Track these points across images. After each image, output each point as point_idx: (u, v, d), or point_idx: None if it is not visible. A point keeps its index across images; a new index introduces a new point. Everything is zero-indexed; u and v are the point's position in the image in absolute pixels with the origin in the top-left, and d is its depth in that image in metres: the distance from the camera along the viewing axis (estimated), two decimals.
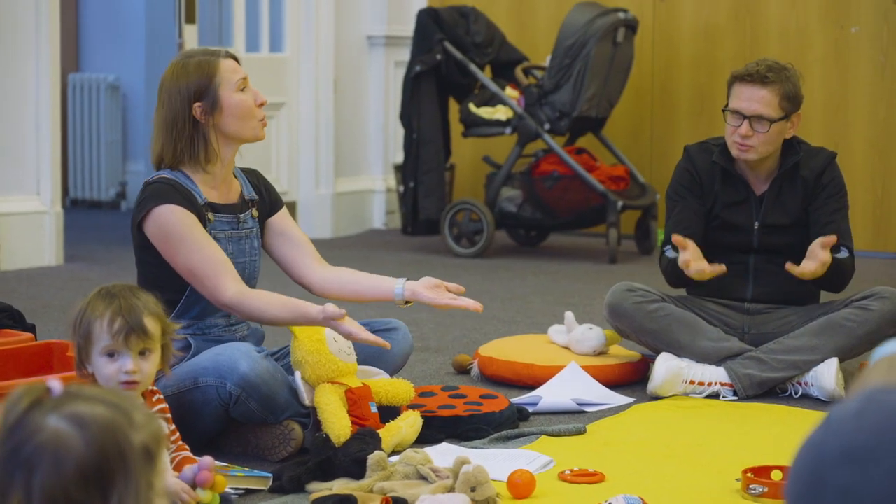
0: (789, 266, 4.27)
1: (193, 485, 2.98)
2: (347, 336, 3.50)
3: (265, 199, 3.87)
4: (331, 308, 3.44)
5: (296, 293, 3.78)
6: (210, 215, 3.67)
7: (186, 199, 3.62)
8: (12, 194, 6.61)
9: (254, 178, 3.89)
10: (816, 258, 4.23)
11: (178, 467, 2.98)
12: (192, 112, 3.65)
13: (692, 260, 4.24)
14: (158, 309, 3.01)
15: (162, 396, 3.09)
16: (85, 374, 2.95)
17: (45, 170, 6.66)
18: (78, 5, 9.32)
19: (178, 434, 3.13)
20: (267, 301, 3.56)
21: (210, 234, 3.65)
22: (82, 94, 9.10)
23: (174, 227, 3.57)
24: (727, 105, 4.40)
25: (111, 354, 2.91)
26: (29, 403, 1.55)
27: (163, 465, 1.60)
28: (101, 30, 9.30)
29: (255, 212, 3.82)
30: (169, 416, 3.08)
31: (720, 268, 4.26)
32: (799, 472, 1.45)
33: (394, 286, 3.71)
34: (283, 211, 3.92)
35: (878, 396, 1.44)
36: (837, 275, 4.38)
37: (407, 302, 3.70)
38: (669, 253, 4.45)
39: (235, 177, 3.82)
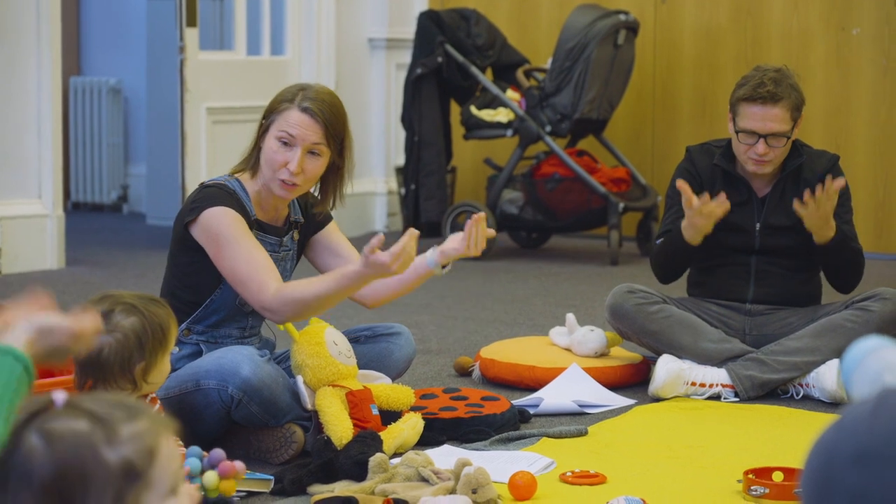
0: (796, 203, 4.26)
1: (201, 471, 2.98)
2: (393, 260, 3.43)
3: (310, 220, 3.86)
4: (365, 248, 3.43)
5: (350, 311, 3.76)
6: (254, 233, 3.67)
7: (240, 206, 3.64)
8: (14, 198, 6.61)
9: (303, 198, 3.86)
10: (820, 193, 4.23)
11: None
12: (259, 125, 3.71)
13: (696, 200, 4.24)
14: None
15: (154, 397, 3.08)
16: (134, 389, 2.93)
17: (46, 173, 6.66)
18: (79, 8, 9.32)
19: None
20: (306, 282, 3.55)
21: None
22: (84, 98, 9.10)
23: (226, 228, 3.57)
24: (735, 125, 4.38)
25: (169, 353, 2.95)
26: (26, 417, 1.57)
27: (165, 477, 1.58)
28: (103, 33, 9.30)
29: (296, 234, 3.82)
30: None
31: (726, 204, 4.25)
32: (811, 471, 1.45)
33: (425, 260, 3.70)
34: (331, 227, 3.91)
35: (892, 398, 1.44)
36: (847, 258, 4.37)
37: (443, 266, 3.70)
38: (661, 241, 4.47)
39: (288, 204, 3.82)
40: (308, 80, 7.83)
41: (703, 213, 4.27)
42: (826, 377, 4.27)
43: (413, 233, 3.47)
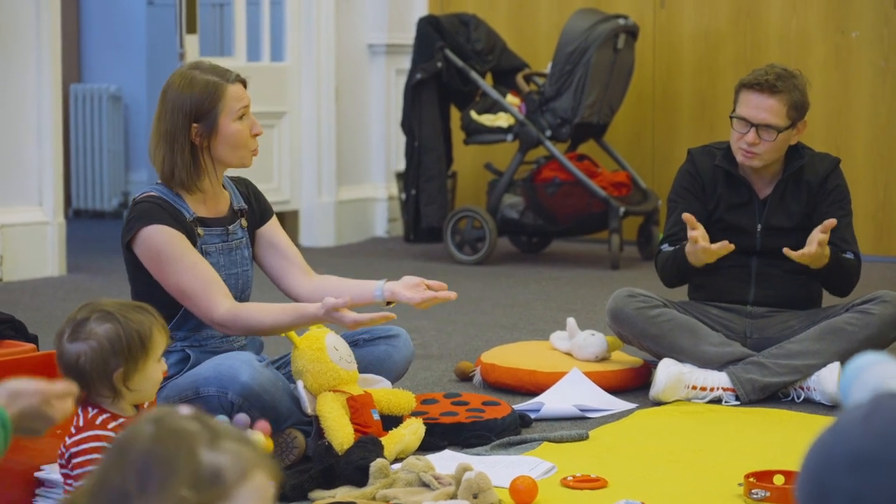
0: (787, 251, 4.27)
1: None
2: (353, 325, 3.48)
3: (254, 209, 3.86)
4: (330, 300, 3.44)
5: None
6: (200, 230, 3.66)
7: (174, 217, 3.60)
8: (15, 205, 6.61)
9: (243, 187, 3.87)
10: (814, 241, 4.23)
11: None
12: (189, 131, 3.65)
13: (701, 238, 4.23)
14: None
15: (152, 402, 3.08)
16: (116, 395, 2.91)
17: (47, 180, 6.67)
18: (79, 15, 9.33)
19: None
20: (262, 310, 3.56)
21: (200, 248, 3.64)
22: (84, 105, 9.11)
23: (163, 247, 3.56)
24: (734, 111, 4.40)
25: (159, 358, 2.92)
26: (152, 417, 1.73)
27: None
28: (103, 40, 9.31)
29: (244, 222, 3.81)
30: None
31: (728, 247, 4.25)
32: (807, 475, 1.46)
33: (374, 288, 3.71)
34: (273, 221, 3.91)
35: (886, 402, 1.44)
36: (842, 274, 4.39)
37: (389, 302, 3.71)
38: (666, 248, 4.47)
39: (224, 187, 3.81)
40: (309, 86, 7.84)
41: (705, 251, 4.27)
42: (827, 380, 4.27)
43: (388, 318, 3.49)
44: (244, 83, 3.74)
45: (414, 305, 3.68)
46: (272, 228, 3.89)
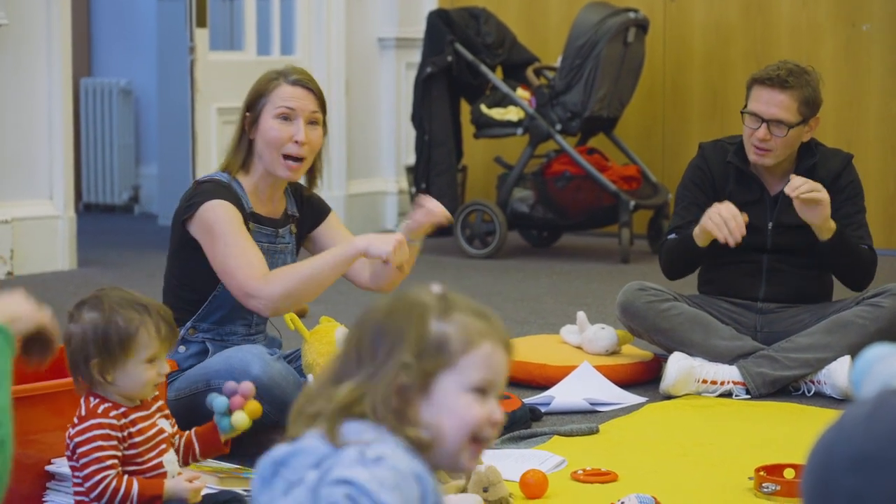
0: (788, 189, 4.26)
1: (228, 411, 2.98)
2: (406, 232, 3.51)
3: (306, 214, 3.85)
4: (374, 245, 3.44)
5: (353, 298, 3.73)
6: (251, 224, 3.67)
7: (235, 201, 3.63)
8: (25, 199, 6.62)
9: (298, 193, 3.85)
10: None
11: (145, 485, 2.92)
12: (244, 119, 3.69)
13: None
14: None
15: (157, 394, 3.07)
16: (81, 381, 2.91)
17: (57, 174, 6.68)
18: (89, 10, 9.34)
19: (177, 427, 3.10)
20: (296, 267, 3.56)
21: None
22: (94, 99, 9.12)
23: (220, 221, 3.56)
24: (745, 106, 4.39)
25: (151, 360, 2.89)
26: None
27: (473, 372, 1.81)
28: (113, 34, 9.32)
29: (293, 228, 3.81)
30: (167, 411, 3.06)
31: (744, 217, 4.24)
32: (811, 472, 1.46)
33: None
34: (330, 220, 3.88)
35: (890, 401, 1.44)
36: (852, 258, 4.36)
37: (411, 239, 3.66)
38: (672, 237, 4.46)
39: (284, 193, 3.81)
40: (319, 81, 7.83)
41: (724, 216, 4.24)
42: (837, 374, 4.26)
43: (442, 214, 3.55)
44: (315, 92, 3.70)
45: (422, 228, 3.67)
46: (329, 228, 3.87)
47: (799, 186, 4.22)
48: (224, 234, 3.56)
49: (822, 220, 4.26)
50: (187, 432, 3.06)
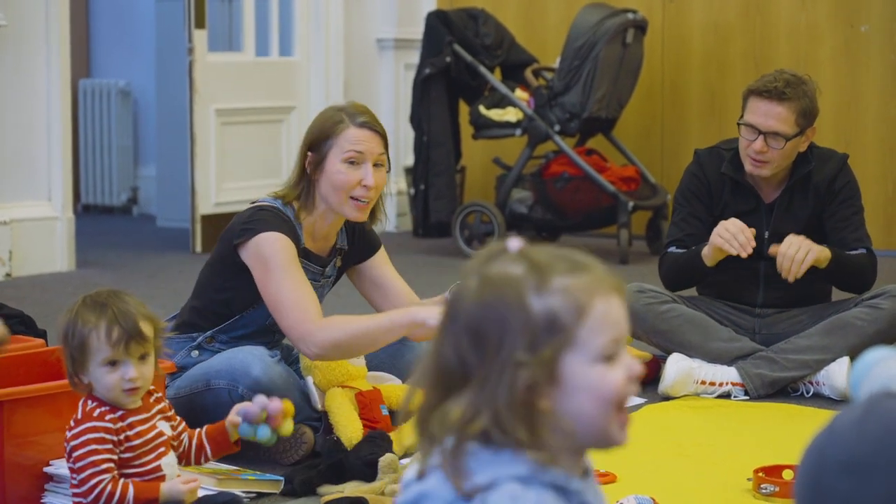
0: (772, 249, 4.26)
1: (256, 421, 2.96)
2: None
3: (355, 247, 3.82)
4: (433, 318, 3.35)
5: (359, 312, 3.72)
6: (300, 260, 3.62)
7: (292, 234, 3.59)
8: (24, 200, 6.62)
9: (352, 225, 3.80)
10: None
11: (141, 487, 2.92)
12: (304, 158, 3.63)
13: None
14: (148, 309, 2.93)
15: (160, 395, 3.07)
16: (79, 382, 2.91)
17: (56, 176, 6.67)
18: (88, 11, 9.34)
19: (184, 425, 3.09)
20: (353, 318, 3.51)
21: None
22: (93, 100, 9.11)
23: (278, 254, 3.51)
24: (742, 117, 4.37)
25: (112, 363, 2.86)
26: (480, 260, 1.65)
27: (595, 341, 1.59)
28: (112, 35, 9.31)
29: (338, 261, 3.78)
30: (171, 412, 3.06)
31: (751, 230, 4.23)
32: (803, 475, 1.46)
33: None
34: (378, 257, 3.85)
35: (881, 404, 1.44)
36: (850, 272, 4.37)
37: None
38: (673, 250, 4.45)
39: (340, 230, 3.77)
40: (317, 81, 7.84)
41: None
42: (836, 375, 4.26)
43: None
44: (381, 134, 3.66)
45: None
46: (376, 266, 3.84)
47: (790, 269, 4.21)
48: (279, 269, 3.50)
49: (816, 263, 4.26)
50: (198, 431, 3.05)
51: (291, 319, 3.47)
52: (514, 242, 1.62)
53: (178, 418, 3.06)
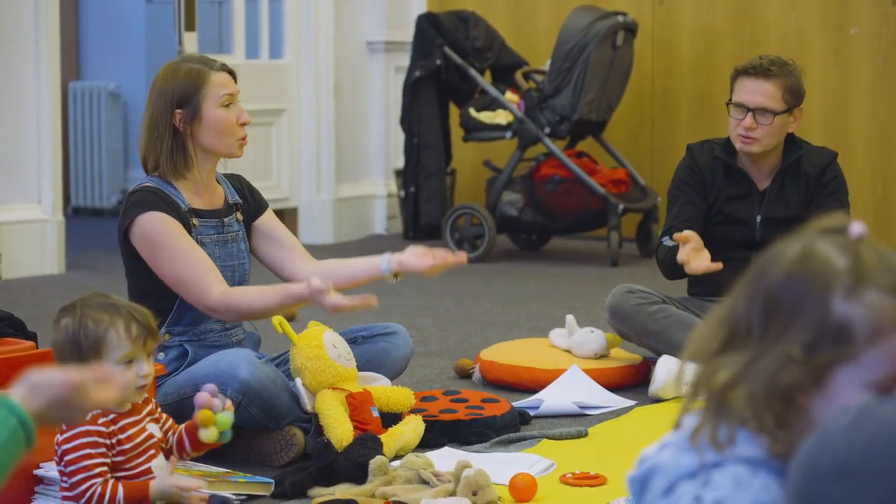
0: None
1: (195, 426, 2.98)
2: (334, 307, 3.45)
3: (249, 203, 3.87)
4: (315, 281, 3.44)
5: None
6: (195, 220, 3.67)
7: (170, 206, 3.62)
8: (14, 203, 6.61)
9: (237, 182, 3.89)
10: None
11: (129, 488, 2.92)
12: (172, 118, 3.67)
13: (691, 259, 4.20)
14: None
15: (148, 397, 3.06)
16: None
17: (46, 178, 6.67)
18: (78, 13, 9.33)
19: (171, 422, 3.10)
20: (252, 294, 3.58)
21: (196, 238, 3.65)
22: (83, 103, 9.11)
23: (158, 234, 3.57)
24: (730, 99, 4.43)
25: (129, 361, 2.88)
26: (818, 231, 1.58)
27: (875, 366, 1.50)
28: (102, 38, 9.31)
29: (239, 216, 3.82)
30: (158, 413, 3.05)
31: (716, 265, 4.23)
32: (795, 481, 1.46)
33: (380, 265, 3.71)
34: (269, 213, 3.92)
35: (871, 410, 1.44)
36: None
37: (396, 275, 3.70)
38: (667, 241, 4.46)
39: (218, 182, 3.82)
40: (307, 84, 7.84)
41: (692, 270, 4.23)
42: None
43: (369, 302, 3.47)
44: (232, 73, 3.78)
45: (423, 272, 3.70)
46: (268, 220, 3.89)
47: None
48: (164, 247, 3.57)
49: None
50: (180, 427, 3.07)
51: (192, 294, 3.56)
52: (858, 227, 1.53)
53: (165, 416, 3.07)
